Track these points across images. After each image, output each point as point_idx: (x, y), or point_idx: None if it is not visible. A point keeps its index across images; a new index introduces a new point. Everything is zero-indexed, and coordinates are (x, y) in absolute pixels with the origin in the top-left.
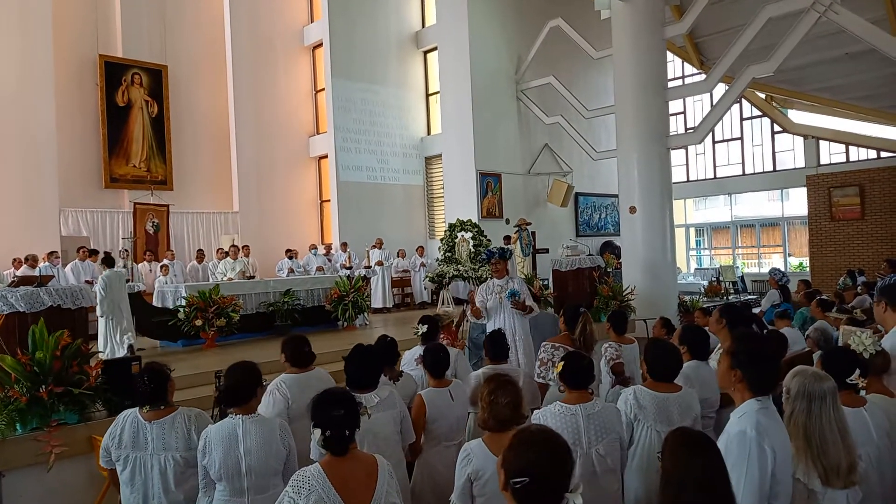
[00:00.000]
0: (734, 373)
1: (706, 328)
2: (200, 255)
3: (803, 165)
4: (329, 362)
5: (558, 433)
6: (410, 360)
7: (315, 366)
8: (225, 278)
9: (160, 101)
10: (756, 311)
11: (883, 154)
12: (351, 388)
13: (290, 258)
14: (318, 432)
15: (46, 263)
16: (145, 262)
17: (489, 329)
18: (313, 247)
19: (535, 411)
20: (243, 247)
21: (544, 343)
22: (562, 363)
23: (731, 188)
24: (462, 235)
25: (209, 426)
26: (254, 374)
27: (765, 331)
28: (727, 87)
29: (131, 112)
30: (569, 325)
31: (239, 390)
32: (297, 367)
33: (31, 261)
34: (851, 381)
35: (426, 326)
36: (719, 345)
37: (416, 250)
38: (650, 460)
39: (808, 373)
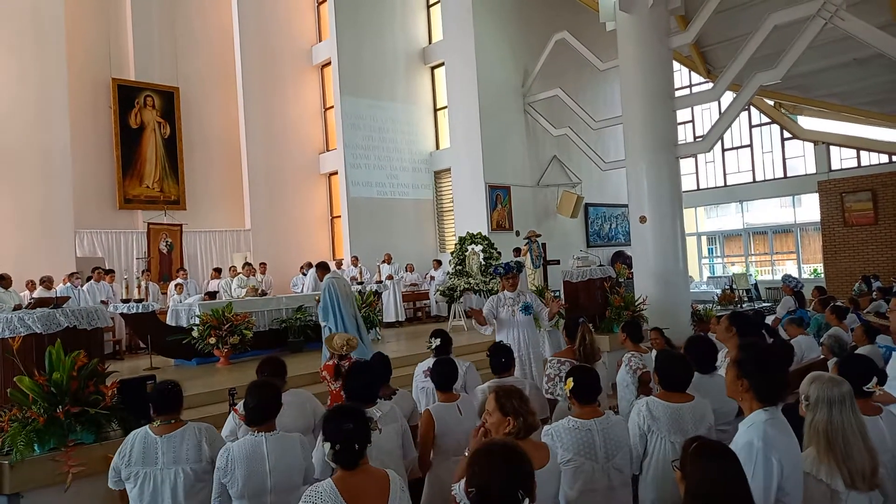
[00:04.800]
0: (741, 382)
1: (713, 337)
2: (217, 273)
3: (814, 171)
4: None
5: (514, 447)
6: (420, 372)
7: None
8: (226, 295)
9: (172, 123)
10: (771, 318)
11: (895, 158)
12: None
13: (305, 274)
14: (327, 446)
15: (68, 284)
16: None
17: (498, 340)
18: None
19: (546, 427)
20: (245, 265)
21: (551, 358)
22: (570, 379)
23: (742, 195)
24: (472, 248)
25: (231, 444)
26: (279, 393)
27: (772, 339)
28: (735, 95)
29: (144, 133)
30: (570, 337)
31: (268, 409)
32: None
33: (47, 282)
34: (868, 388)
35: (439, 339)
36: (724, 353)
37: (433, 263)
38: (665, 471)
39: (824, 378)
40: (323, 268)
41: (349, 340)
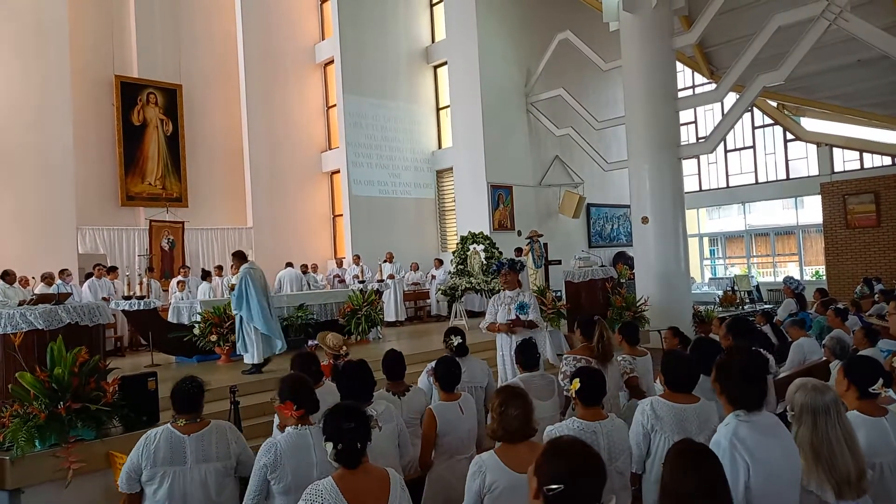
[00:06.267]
0: (716, 385)
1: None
2: (219, 270)
3: (817, 173)
4: None
5: (591, 444)
6: (424, 373)
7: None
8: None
9: (175, 120)
10: (773, 320)
11: None
12: None
13: (304, 273)
14: (329, 445)
15: (59, 282)
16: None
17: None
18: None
19: (549, 428)
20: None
21: (565, 356)
22: (577, 381)
23: (745, 197)
24: (474, 248)
25: (274, 439)
26: (312, 385)
27: (777, 341)
28: (738, 97)
29: (147, 131)
30: (586, 335)
31: (311, 404)
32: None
33: (48, 279)
34: (874, 390)
35: (459, 338)
36: None
37: (434, 262)
38: None
39: (808, 386)
40: (239, 257)
41: (346, 340)
